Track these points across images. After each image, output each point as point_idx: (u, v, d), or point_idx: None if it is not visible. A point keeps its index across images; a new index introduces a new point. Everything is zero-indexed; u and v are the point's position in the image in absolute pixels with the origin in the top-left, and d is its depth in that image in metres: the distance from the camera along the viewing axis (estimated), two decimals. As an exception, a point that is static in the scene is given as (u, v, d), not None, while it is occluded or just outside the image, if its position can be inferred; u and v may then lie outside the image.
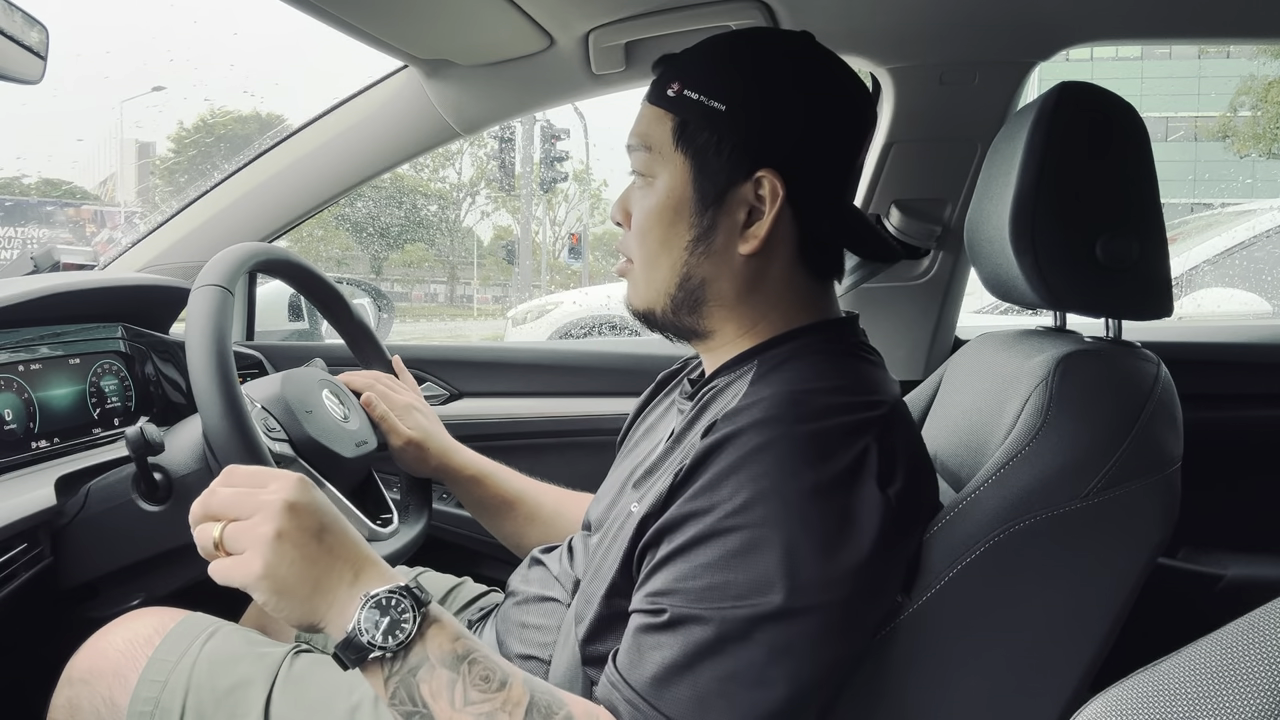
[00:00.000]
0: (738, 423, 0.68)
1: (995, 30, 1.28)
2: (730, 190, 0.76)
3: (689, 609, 0.64)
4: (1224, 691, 0.38)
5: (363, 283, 1.93)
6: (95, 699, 0.84)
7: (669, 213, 0.77)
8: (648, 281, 0.80)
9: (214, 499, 0.67)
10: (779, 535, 0.63)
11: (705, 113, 0.75)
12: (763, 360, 0.77)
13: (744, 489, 0.65)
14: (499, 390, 1.60)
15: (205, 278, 0.89)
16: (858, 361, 0.78)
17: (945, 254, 1.45)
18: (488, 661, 0.64)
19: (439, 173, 12.95)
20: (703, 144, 0.76)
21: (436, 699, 0.62)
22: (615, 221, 0.84)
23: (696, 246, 0.77)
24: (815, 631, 0.64)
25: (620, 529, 0.77)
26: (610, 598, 0.74)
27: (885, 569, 0.68)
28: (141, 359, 1.25)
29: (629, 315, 0.85)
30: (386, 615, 0.62)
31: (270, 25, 25.78)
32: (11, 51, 0.84)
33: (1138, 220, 0.81)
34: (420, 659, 0.63)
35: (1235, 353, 1.49)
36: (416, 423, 1.12)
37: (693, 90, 0.76)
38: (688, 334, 0.82)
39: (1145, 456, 0.73)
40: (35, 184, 6.50)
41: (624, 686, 0.65)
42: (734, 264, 0.77)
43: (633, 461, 0.89)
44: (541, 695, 0.64)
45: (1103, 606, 0.73)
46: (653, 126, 0.78)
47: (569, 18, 1.23)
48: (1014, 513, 0.71)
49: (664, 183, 0.77)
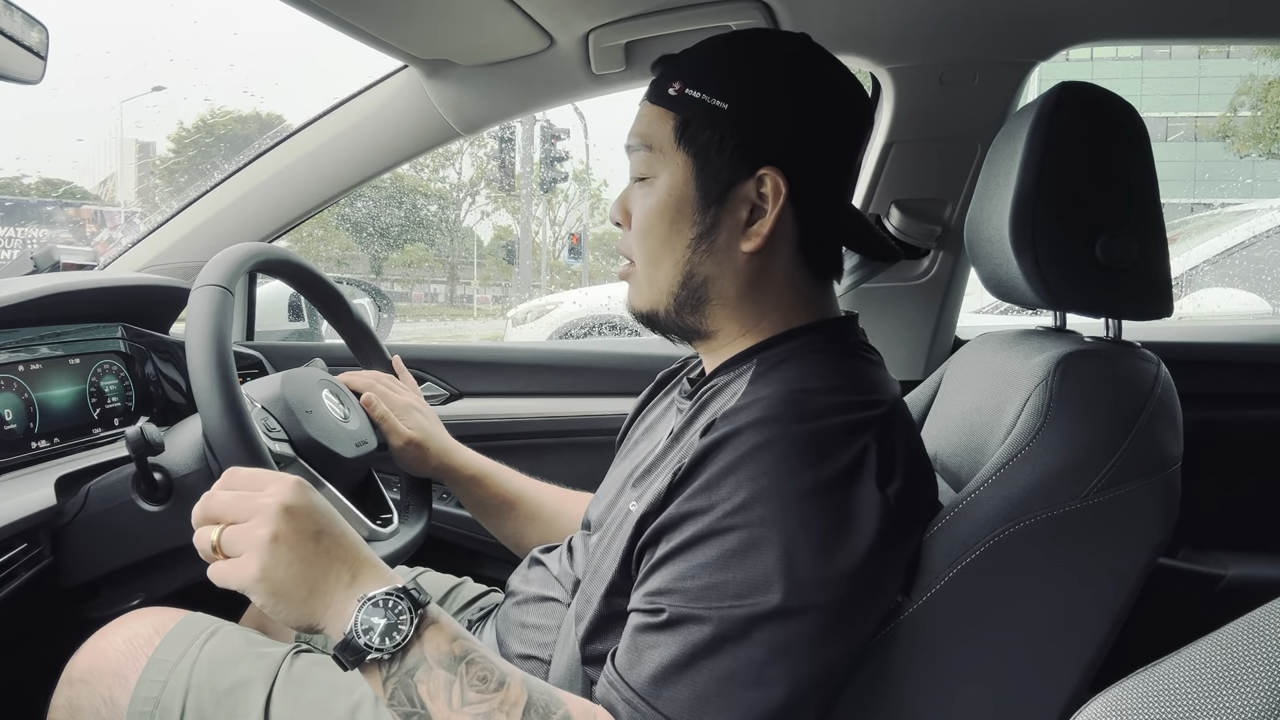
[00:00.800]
0: (736, 422, 0.68)
1: (995, 30, 1.28)
2: (733, 188, 0.76)
3: (687, 608, 0.64)
4: (1224, 691, 0.38)
5: (362, 282, 1.93)
6: (95, 699, 0.84)
7: (671, 211, 0.77)
8: (650, 282, 0.80)
9: (213, 502, 0.67)
10: (778, 535, 0.63)
11: (708, 111, 0.76)
12: (762, 359, 0.77)
13: (743, 488, 0.65)
14: (499, 390, 1.60)
15: (205, 278, 0.89)
16: (857, 361, 0.78)
17: (945, 254, 1.45)
18: (485, 662, 0.64)
19: (439, 173, 12.96)
20: (705, 142, 0.76)
21: (434, 699, 0.62)
22: (615, 222, 0.84)
23: (699, 244, 0.77)
24: (814, 631, 0.63)
25: (619, 528, 0.77)
26: (609, 597, 0.74)
27: (884, 569, 0.68)
28: (141, 359, 1.25)
29: (630, 317, 0.85)
30: (383, 617, 0.62)
31: (271, 25, 25.79)
32: (11, 51, 0.83)
33: (1138, 220, 0.81)
34: (418, 660, 0.63)
35: (1235, 353, 1.49)
36: (416, 423, 1.12)
37: (695, 89, 0.76)
38: (690, 334, 0.82)
39: (1145, 457, 0.73)
40: (35, 184, 6.49)
41: (622, 686, 0.66)
42: (737, 262, 0.77)
43: (632, 461, 0.89)
44: (539, 695, 0.64)
45: (1103, 607, 0.73)
46: (653, 126, 0.78)
47: (569, 18, 1.23)
48: (1014, 513, 0.71)
49: (665, 181, 0.77)
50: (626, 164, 0.82)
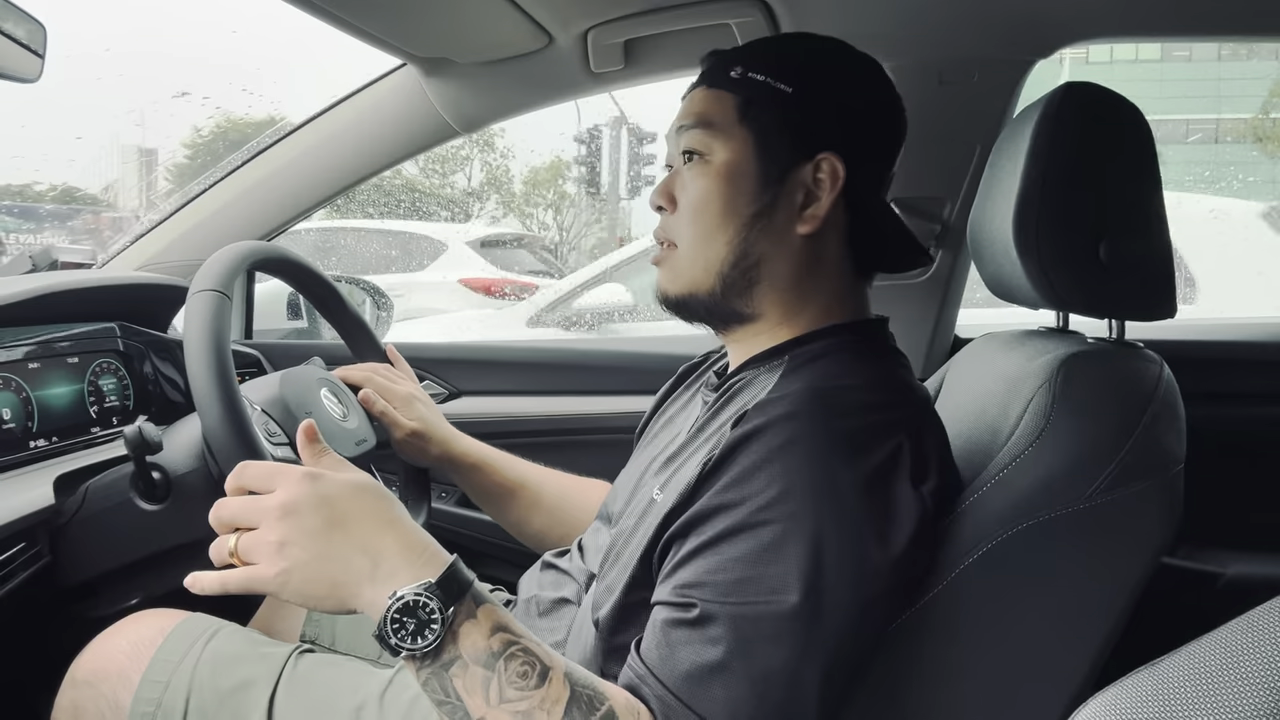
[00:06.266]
0: (770, 414, 0.68)
1: (994, 28, 1.28)
2: (791, 171, 0.77)
3: (719, 604, 0.63)
4: (1224, 690, 0.38)
5: (361, 281, 1.92)
6: (100, 701, 0.83)
7: (730, 186, 0.77)
8: (696, 260, 0.79)
9: (224, 511, 0.66)
10: (811, 530, 0.63)
11: (772, 93, 0.77)
12: (795, 355, 0.77)
13: (776, 482, 0.64)
14: (498, 389, 1.59)
15: (201, 282, 0.88)
16: (888, 362, 0.79)
17: (945, 252, 1.45)
18: (527, 655, 0.62)
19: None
20: (767, 123, 0.77)
21: (471, 695, 0.60)
22: (656, 207, 0.83)
23: (757, 222, 0.77)
24: (846, 628, 0.63)
25: (642, 516, 0.76)
26: (632, 588, 0.73)
27: (915, 567, 0.68)
28: (140, 358, 1.25)
29: (661, 305, 0.83)
30: (413, 618, 0.60)
31: (300, 31, 25.43)
32: (9, 50, 0.83)
33: (1141, 221, 0.81)
34: (453, 656, 0.61)
35: (1238, 351, 1.49)
36: (417, 413, 1.11)
37: (758, 72, 0.77)
38: (730, 318, 0.81)
39: (1148, 458, 0.73)
40: (50, 191, 6.42)
41: (654, 682, 0.64)
42: (793, 244, 0.78)
43: (652, 451, 0.88)
44: (583, 689, 0.62)
45: (1105, 607, 0.73)
46: (711, 105, 0.79)
47: (568, 16, 1.22)
48: (1017, 514, 0.71)
49: (724, 156, 0.77)
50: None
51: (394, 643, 0.60)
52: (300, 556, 0.62)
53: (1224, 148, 18.70)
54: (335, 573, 0.63)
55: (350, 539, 0.63)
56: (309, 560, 0.62)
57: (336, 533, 0.63)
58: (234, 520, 0.65)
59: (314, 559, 0.62)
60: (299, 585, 0.62)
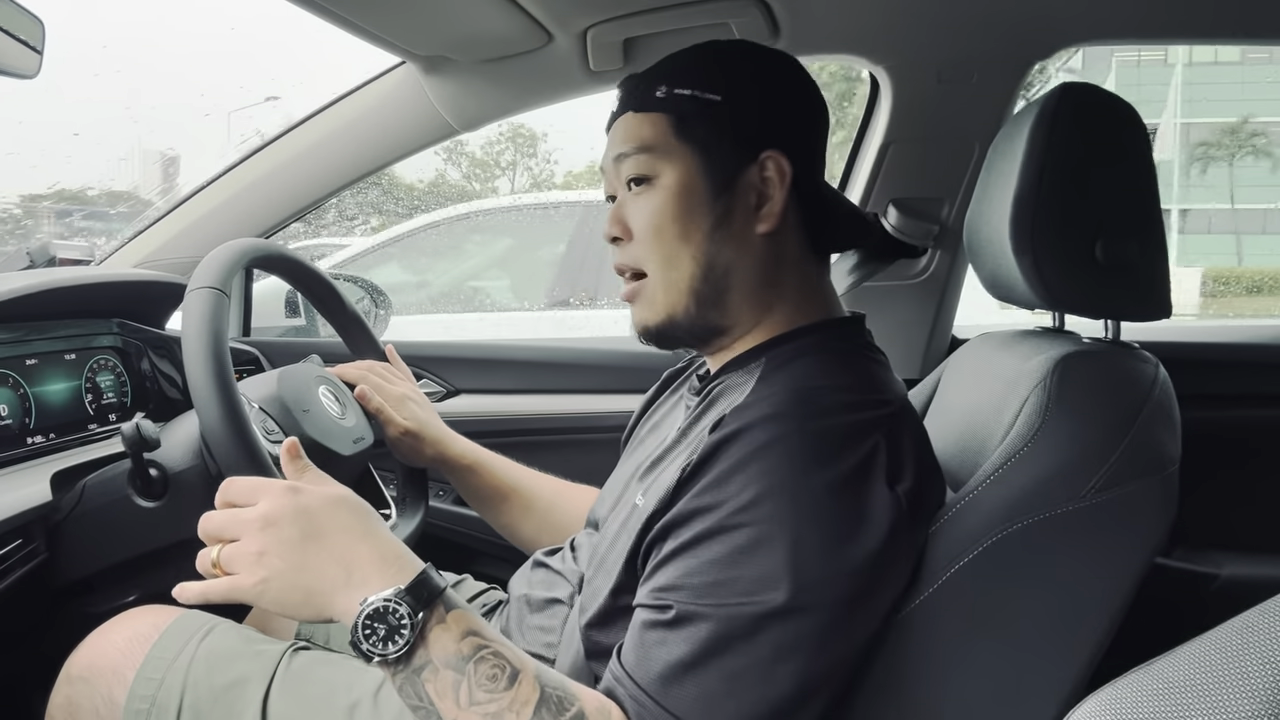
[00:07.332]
0: (746, 418, 0.68)
1: (993, 28, 1.28)
2: (739, 175, 0.78)
3: (695, 605, 0.64)
4: (1219, 691, 0.38)
5: (360, 279, 1.92)
6: (95, 697, 0.83)
7: (684, 203, 0.77)
8: (666, 286, 0.79)
9: (210, 524, 0.68)
10: (787, 532, 0.63)
11: (701, 105, 0.77)
12: (770, 357, 0.77)
13: (752, 485, 0.65)
14: (496, 387, 1.59)
15: (199, 280, 0.88)
16: (865, 361, 0.78)
17: (943, 253, 1.45)
18: (497, 659, 0.63)
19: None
20: (704, 135, 0.77)
21: (442, 698, 0.62)
22: (611, 239, 0.82)
23: (716, 232, 0.78)
24: (822, 629, 0.63)
25: (625, 522, 0.77)
26: (616, 593, 0.74)
27: (892, 567, 0.68)
28: (137, 354, 1.25)
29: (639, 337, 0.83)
30: (383, 623, 0.62)
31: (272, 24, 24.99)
32: (7, 46, 0.83)
33: (1137, 221, 0.82)
34: (423, 661, 0.63)
35: (1234, 353, 1.50)
36: (412, 413, 1.12)
37: (683, 88, 0.78)
38: (708, 333, 0.81)
39: (1143, 457, 0.73)
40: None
41: (629, 683, 0.65)
42: (755, 245, 0.78)
43: (638, 457, 0.89)
44: (552, 690, 0.64)
45: (1100, 607, 0.73)
46: (645, 129, 0.79)
47: (567, 14, 1.22)
48: (1012, 513, 0.71)
49: (671, 177, 0.78)
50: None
51: (365, 648, 0.62)
52: (278, 566, 0.64)
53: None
54: (310, 582, 0.65)
55: (325, 550, 0.65)
56: (286, 570, 0.64)
57: (312, 544, 0.65)
58: (219, 532, 0.68)
59: (290, 569, 0.64)
60: (276, 594, 0.64)
